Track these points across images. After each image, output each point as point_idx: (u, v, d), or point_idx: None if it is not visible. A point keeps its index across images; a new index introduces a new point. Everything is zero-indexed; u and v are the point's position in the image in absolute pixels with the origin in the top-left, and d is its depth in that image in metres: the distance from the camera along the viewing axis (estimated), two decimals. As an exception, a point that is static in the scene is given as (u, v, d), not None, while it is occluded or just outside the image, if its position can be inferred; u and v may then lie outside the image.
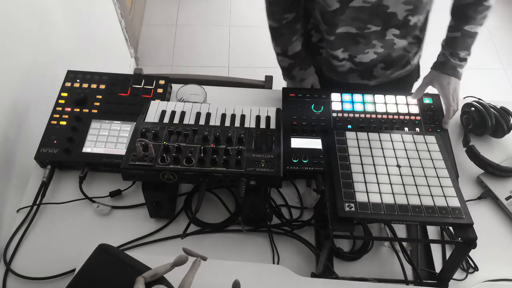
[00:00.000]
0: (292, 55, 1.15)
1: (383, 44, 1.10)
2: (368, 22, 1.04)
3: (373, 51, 1.12)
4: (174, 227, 0.96)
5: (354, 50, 1.12)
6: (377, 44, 1.10)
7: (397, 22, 1.04)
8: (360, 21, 1.04)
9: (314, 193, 0.99)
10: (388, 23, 1.05)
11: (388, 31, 1.06)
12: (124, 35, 2.27)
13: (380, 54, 1.13)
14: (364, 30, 1.06)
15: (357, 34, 1.07)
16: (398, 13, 1.02)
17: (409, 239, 0.96)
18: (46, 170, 1.00)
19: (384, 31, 1.06)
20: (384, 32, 1.07)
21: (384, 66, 1.18)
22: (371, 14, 1.02)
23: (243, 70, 2.53)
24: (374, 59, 1.15)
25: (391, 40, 1.09)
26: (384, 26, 1.05)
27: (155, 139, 0.87)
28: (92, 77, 1.15)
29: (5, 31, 1.12)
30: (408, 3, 1.00)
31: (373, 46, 1.10)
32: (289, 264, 0.90)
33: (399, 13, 1.02)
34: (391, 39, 1.09)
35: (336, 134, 0.89)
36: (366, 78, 1.22)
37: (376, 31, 1.06)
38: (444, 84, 1.09)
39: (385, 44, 1.10)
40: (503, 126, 1.06)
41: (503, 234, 0.97)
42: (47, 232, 0.95)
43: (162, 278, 0.66)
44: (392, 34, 1.07)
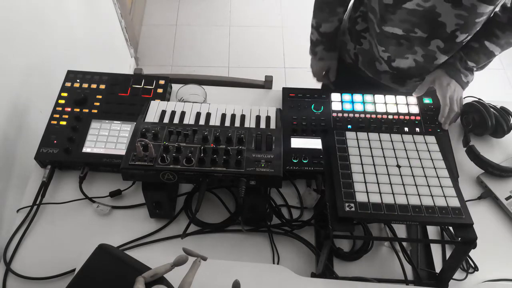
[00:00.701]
0: (322, 33, 1.20)
1: (424, 53, 1.08)
2: (416, 26, 1.02)
3: (413, 58, 1.10)
4: (174, 227, 0.96)
5: (394, 52, 1.11)
6: (418, 51, 1.08)
7: (444, 34, 1.02)
8: (408, 23, 1.02)
9: (314, 193, 0.99)
10: (435, 33, 1.03)
11: (433, 41, 1.05)
12: (124, 35, 2.27)
13: (418, 64, 1.12)
14: (410, 33, 1.04)
15: (401, 36, 1.06)
16: (448, 24, 1.00)
17: (409, 239, 0.96)
18: (46, 170, 1.00)
19: (429, 40, 1.05)
20: (429, 41, 1.05)
21: (418, 80, 1.17)
22: (421, 18, 1.00)
23: (243, 70, 2.53)
24: (411, 67, 1.13)
25: (433, 52, 1.07)
26: (431, 34, 1.03)
27: (155, 139, 0.87)
28: (92, 77, 1.15)
29: (5, 31, 1.12)
30: (460, 17, 0.97)
31: (414, 53, 1.09)
32: (289, 264, 0.90)
33: (449, 24, 1.00)
34: (434, 50, 1.07)
35: (336, 134, 0.89)
36: (397, 83, 1.21)
37: (421, 37, 1.04)
38: (443, 84, 1.08)
39: (427, 54, 1.08)
40: (503, 126, 1.06)
41: (503, 234, 0.98)
42: (47, 232, 0.95)
43: (162, 278, 0.66)
44: (436, 46, 1.06)
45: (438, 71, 1.11)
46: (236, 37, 2.70)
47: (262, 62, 2.57)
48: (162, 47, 2.66)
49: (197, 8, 2.86)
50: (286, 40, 2.67)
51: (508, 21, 1.02)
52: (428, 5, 0.97)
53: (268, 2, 2.88)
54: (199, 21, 2.80)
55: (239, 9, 2.85)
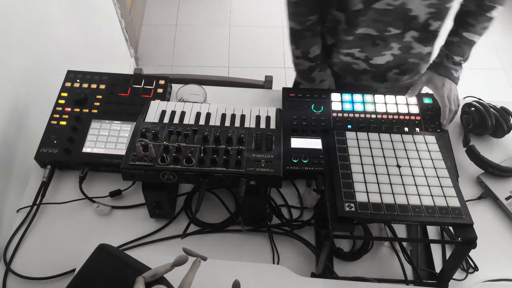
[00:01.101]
0: (313, 58, 1.12)
1: (400, 45, 1.09)
2: (389, 25, 1.03)
3: (390, 53, 1.11)
4: (174, 227, 0.96)
5: (370, 52, 1.11)
6: (395, 46, 1.09)
7: (417, 25, 1.03)
8: (381, 23, 1.03)
9: (314, 193, 0.99)
10: (408, 26, 1.04)
11: (408, 33, 1.05)
12: (124, 35, 2.27)
13: (396, 57, 1.12)
14: (384, 32, 1.05)
15: (376, 36, 1.06)
16: (420, 16, 1.01)
17: (409, 239, 0.96)
18: (46, 170, 1.00)
19: (404, 34, 1.06)
20: (403, 35, 1.06)
21: (398, 72, 1.17)
22: (393, 16, 1.01)
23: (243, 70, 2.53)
24: (390, 61, 1.13)
25: (409, 43, 1.08)
26: (405, 29, 1.04)
27: (155, 139, 0.87)
28: (92, 77, 1.15)
29: (5, 31, 1.12)
30: (431, 6, 0.99)
31: (391, 49, 1.09)
32: (289, 264, 0.90)
33: (421, 16, 1.01)
34: (409, 41, 1.08)
35: (336, 134, 0.89)
36: (378, 81, 1.21)
37: (396, 34, 1.05)
38: (438, 85, 1.09)
39: (403, 46, 1.09)
40: (503, 126, 1.06)
41: (503, 234, 0.98)
42: (47, 232, 0.95)
43: (162, 278, 0.66)
44: (411, 37, 1.06)
45: (429, 72, 1.12)
46: (236, 37, 2.70)
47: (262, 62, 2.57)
48: (162, 47, 2.66)
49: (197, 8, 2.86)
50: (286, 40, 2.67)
51: (477, 7, 1.04)
52: (398, 2, 0.97)
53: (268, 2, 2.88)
54: (199, 21, 2.80)
55: (239, 9, 2.85)
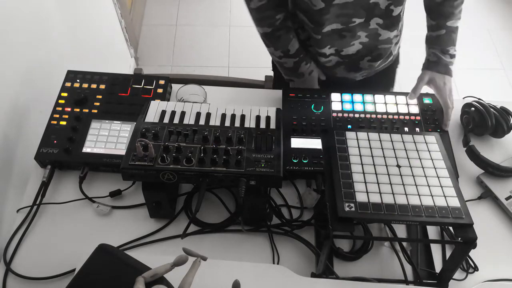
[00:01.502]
0: (295, 53, 1.13)
1: (367, 33, 1.10)
2: (353, 16, 1.04)
3: (358, 42, 1.12)
4: (174, 227, 0.96)
5: (340, 44, 1.12)
6: (361, 35, 1.10)
7: (380, 12, 1.05)
8: (344, 16, 1.04)
9: (314, 193, 0.99)
10: (371, 13, 1.05)
11: (372, 20, 1.07)
12: (124, 35, 2.27)
13: (365, 45, 1.13)
14: (349, 24, 1.06)
15: (342, 29, 1.08)
16: (380, 2, 1.03)
17: (409, 239, 0.96)
18: (46, 170, 1.00)
19: (368, 21, 1.07)
20: (368, 22, 1.07)
21: (370, 59, 1.19)
22: (355, 7, 1.02)
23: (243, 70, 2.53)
24: (360, 49, 1.15)
25: (375, 30, 1.10)
26: (368, 16, 1.06)
27: (155, 139, 0.87)
28: (92, 77, 1.14)
29: (5, 31, 1.12)
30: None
31: (358, 38, 1.11)
32: (289, 264, 0.90)
33: (381, 2, 1.03)
34: (375, 28, 1.09)
35: (336, 134, 0.89)
36: (352, 70, 1.22)
37: (360, 23, 1.07)
38: (440, 85, 1.09)
39: (370, 34, 1.11)
40: (503, 126, 1.06)
41: (503, 234, 0.98)
42: (47, 232, 0.95)
43: (162, 278, 0.66)
44: (376, 23, 1.08)
45: (428, 72, 1.12)
46: (236, 37, 2.70)
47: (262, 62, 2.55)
48: (162, 47, 2.66)
49: (197, 8, 2.86)
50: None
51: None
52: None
53: (268, 2, 2.88)
54: (199, 21, 2.80)
55: (239, 9, 2.85)
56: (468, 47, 2.67)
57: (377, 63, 1.21)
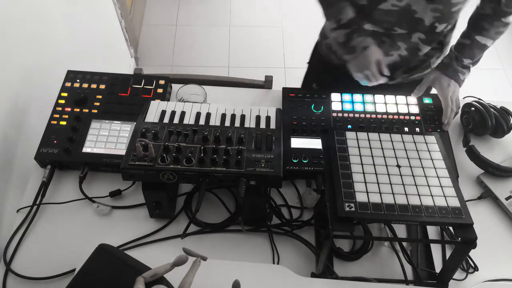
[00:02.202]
0: (347, 22, 1.04)
1: (407, 46, 1.09)
2: (395, 25, 1.04)
3: (398, 54, 1.11)
4: (174, 227, 0.96)
5: None
6: (401, 46, 1.09)
7: (424, 28, 1.04)
8: (387, 23, 1.04)
9: (314, 193, 0.99)
10: (414, 28, 1.04)
11: (414, 34, 1.06)
12: (124, 35, 2.27)
13: (403, 58, 1.12)
14: (390, 31, 1.06)
15: (383, 34, 1.07)
16: (426, 19, 1.01)
17: (409, 239, 0.96)
18: (46, 170, 1.00)
19: (410, 34, 1.06)
20: (410, 35, 1.06)
21: (405, 70, 1.18)
22: (399, 17, 1.01)
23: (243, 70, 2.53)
24: (397, 61, 1.13)
25: (416, 45, 1.09)
26: (410, 30, 1.05)
27: (155, 139, 0.87)
28: (92, 77, 1.15)
29: (5, 31, 1.12)
30: (436, 10, 0.99)
31: (398, 48, 1.10)
32: (289, 264, 0.90)
33: (427, 19, 1.01)
34: (416, 42, 1.08)
35: (336, 134, 0.89)
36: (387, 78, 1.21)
37: (402, 33, 1.06)
38: (444, 86, 1.09)
39: (409, 47, 1.09)
40: (503, 126, 1.06)
41: (503, 234, 0.98)
42: (47, 232, 0.95)
43: (162, 278, 0.66)
44: (418, 38, 1.07)
45: (436, 72, 1.12)
46: (236, 37, 2.70)
47: (262, 62, 2.57)
48: (162, 47, 2.66)
49: (197, 8, 2.86)
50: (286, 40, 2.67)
51: (493, 12, 1.03)
52: (403, 4, 0.98)
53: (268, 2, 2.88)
54: (199, 21, 2.80)
55: (239, 9, 2.85)
56: (468, 47, 2.67)
57: (412, 76, 1.20)
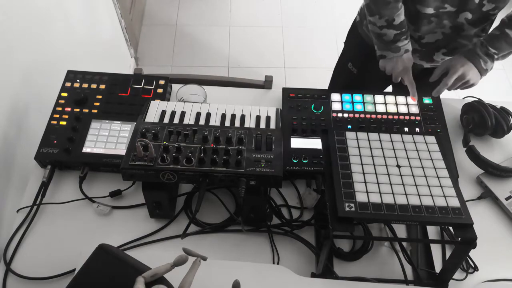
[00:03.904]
0: (399, 24, 1.08)
1: (452, 25, 1.09)
2: (446, 2, 1.04)
3: (441, 31, 1.12)
4: (174, 227, 0.96)
5: (424, 31, 1.12)
6: (446, 25, 1.10)
7: (472, 6, 1.04)
8: (439, 1, 1.04)
9: (314, 193, 0.99)
10: (463, 5, 1.04)
11: (462, 14, 1.06)
12: (124, 35, 2.27)
13: (446, 36, 1.12)
14: (439, 9, 1.06)
15: (432, 15, 1.07)
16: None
17: (409, 239, 0.96)
18: (46, 170, 1.00)
19: (458, 14, 1.07)
20: (457, 14, 1.07)
21: (446, 52, 1.18)
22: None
23: (243, 70, 2.53)
24: (439, 39, 1.14)
25: (461, 25, 1.09)
26: (460, 8, 1.05)
27: (155, 139, 0.87)
28: (92, 77, 1.15)
29: (5, 31, 1.12)
30: None
31: (443, 27, 1.10)
32: (289, 264, 0.90)
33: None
34: (462, 22, 1.08)
35: (336, 134, 0.89)
36: (424, 60, 1.22)
37: (450, 11, 1.06)
38: (457, 66, 1.07)
39: (455, 25, 1.10)
40: (503, 126, 1.06)
41: (503, 234, 0.98)
42: (47, 232, 0.95)
43: (162, 278, 0.66)
44: (464, 18, 1.07)
45: (456, 56, 1.10)
46: (236, 37, 2.70)
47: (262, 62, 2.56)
48: (162, 47, 2.66)
49: (197, 8, 2.86)
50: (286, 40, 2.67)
51: None
52: None
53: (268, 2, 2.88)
54: (199, 21, 2.80)
55: (239, 9, 2.85)
56: (468, 47, 2.67)
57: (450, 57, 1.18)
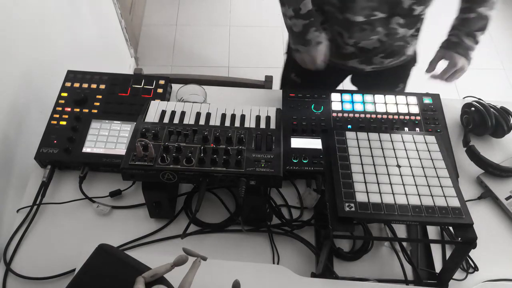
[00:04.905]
0: (306, 14, 1.09)
1: (386, 32, 1.11)
2: (376, 9, 1.06)
3: (377, 38, 1.14)
4: (174, 227, 0.96)
5: (358, 37, 1.13)
6: (381, 31, 1.11)
7: (402, 11, 1.06)
8: (368, 9, 1.06)
9: (314, 193, 0.99)
10: (393, 11, 1.06)
11: (393, 19, 1.08)
12: (124, 35, 2.27)
13: (382, 43, 1.15)
14: (370, 17, 1.07)
15: (363, 22, 1.09)
16: (404, 1, 1.04)
17: (409, 239, 0.96)
18: (46, 170, 1.00)
19: (389, 19, 1.08)
20: (389, 20, 1.09)
21: (384, 56, 1.20)
22: (380, 1, 1.04)
23: (243, 70, 2.53)
24: (376, 46, 1.16)
25: (395, 30, 1.11)
26: (390, 13, 1.07)
27: (155, 139, 0.87)
28: (92, 77, 1.14)
29: (5, 31, 1.12)
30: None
31: (377, 33, 1.12)
32: (289, 264, 0.90)
33: (405, 1, 1.04)
34: (395, 28, 1.10)
35: (336, 134, 0.89)
36: (364, 63, 1.24)
37: (382, 18, 1.08)
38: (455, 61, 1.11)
39: (389, 32, 1.12)
40: (503, 126, 1.06)
41: (503, 234, 0.97)
42: (47, 232, 0.95)
43: (162, 278, 0.66)
44: (396, 23, 1.09)
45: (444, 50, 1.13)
46: (236, 37, 2.70)
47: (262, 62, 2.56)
48: (162, 47, 2.66)
49: (197, 8, 2.86)
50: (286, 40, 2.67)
51: None
52: None
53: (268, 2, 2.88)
54: (199, 21, 2.80)
55: (239, 9, 2.85)
56: (468, 47, 2.68)
57: (388, 60, 1.23)
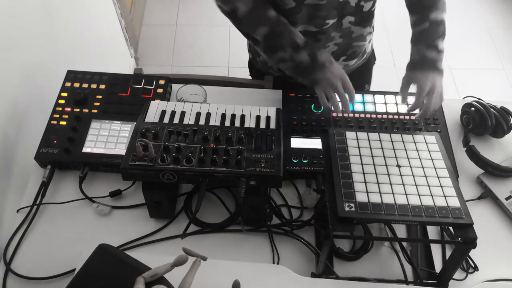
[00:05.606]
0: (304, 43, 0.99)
1: (341, 33, 1.11)
2: (326, 18, 1.04)
3: (333, 43, 1.13)
4: (174, 227, 0.96)
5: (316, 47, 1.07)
6: (335, 36, 1.11)
7: (351, 9, 1.05)
8: (318, 18, 1.04)
9: (314, 193, 0.99)
10: (343, 12, 1.05)
11: (344, 19, 1.07)
12: (124, 35, 2.27)
13: (340, 45, 1.14)
14: (323, 26, 1.06)
15: (317, 32, 1.08)
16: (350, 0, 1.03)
17: (409, 239, 0.96)
18: (46, 170, 1.00)
19: (340, 21, 1.07)
20: (341, 22, 1.07)
21: (345, 58, 1.19)
22: (327, 8, 1.02)
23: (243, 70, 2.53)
24: (335, 50, 1.15)
25: (348, 28, 1.10)
26: (340, 16, 1.06)
27: (155, 139, 0.87)
28: (92, 77, 1.14)
29: (5, 31, 1.12)
30: None
31: (332, 39, 1.11)
32: (289, 264, 0.90)
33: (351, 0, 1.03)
34: (348, 27, 1.09)
35: (336, 134, 0.89)
36: None
37: (334, 23, 1.07)
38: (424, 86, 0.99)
39: (343, 33, 1.11)
40: (503, 126, 1.06)
41: (503, 234, 0.97)
42: (47, 232, 0.95)
43: (162, 278, 0.66)
44: (348, 22, 1.08)
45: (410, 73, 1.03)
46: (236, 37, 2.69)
47: (262, 62, 2.56)
48: (162, 47, 2.66)
49: (197, 8, 2.86)
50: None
51: None
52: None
53: (268, 2, 2.88)
54: (199, 21, 2.80)
55: (239, 9, 2.85)
56: (468, 47, 2.67)
57: (353, 61, 1.22)
